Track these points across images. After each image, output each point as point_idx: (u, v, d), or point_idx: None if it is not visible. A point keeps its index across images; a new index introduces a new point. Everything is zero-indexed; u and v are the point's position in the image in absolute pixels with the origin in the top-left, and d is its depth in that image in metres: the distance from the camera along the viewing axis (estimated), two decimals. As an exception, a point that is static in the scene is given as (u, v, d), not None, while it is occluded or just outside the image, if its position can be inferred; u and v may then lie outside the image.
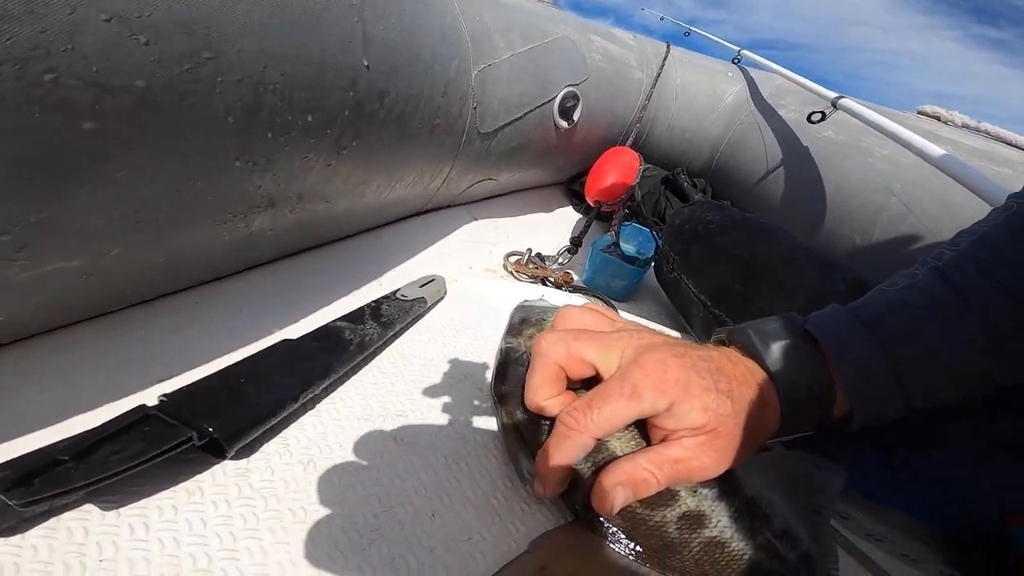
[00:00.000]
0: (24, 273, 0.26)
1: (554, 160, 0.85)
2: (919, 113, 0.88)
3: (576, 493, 0.28)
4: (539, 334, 0.32)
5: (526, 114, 0.69)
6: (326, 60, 0.37)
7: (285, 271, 0.50)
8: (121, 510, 0.24)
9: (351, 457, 0.31)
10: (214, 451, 0.27)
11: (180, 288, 0.41)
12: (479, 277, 0.62)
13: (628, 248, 0.76)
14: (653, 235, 0.76)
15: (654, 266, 0.69)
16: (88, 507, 0.23)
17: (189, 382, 0.30)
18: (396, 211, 0.63)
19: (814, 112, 0.77)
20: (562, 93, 0.74)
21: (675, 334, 0.63)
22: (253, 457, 0.29)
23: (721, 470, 0.28)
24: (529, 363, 0.30)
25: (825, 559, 0.29)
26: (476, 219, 0.79)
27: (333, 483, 0.29)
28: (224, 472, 0.27)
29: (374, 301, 0.46)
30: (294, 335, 0.38)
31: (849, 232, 0.75)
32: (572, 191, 1.03)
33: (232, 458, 0.28)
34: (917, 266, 0.36)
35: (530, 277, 0.66)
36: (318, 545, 0.25)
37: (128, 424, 0.25)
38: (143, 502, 0.25)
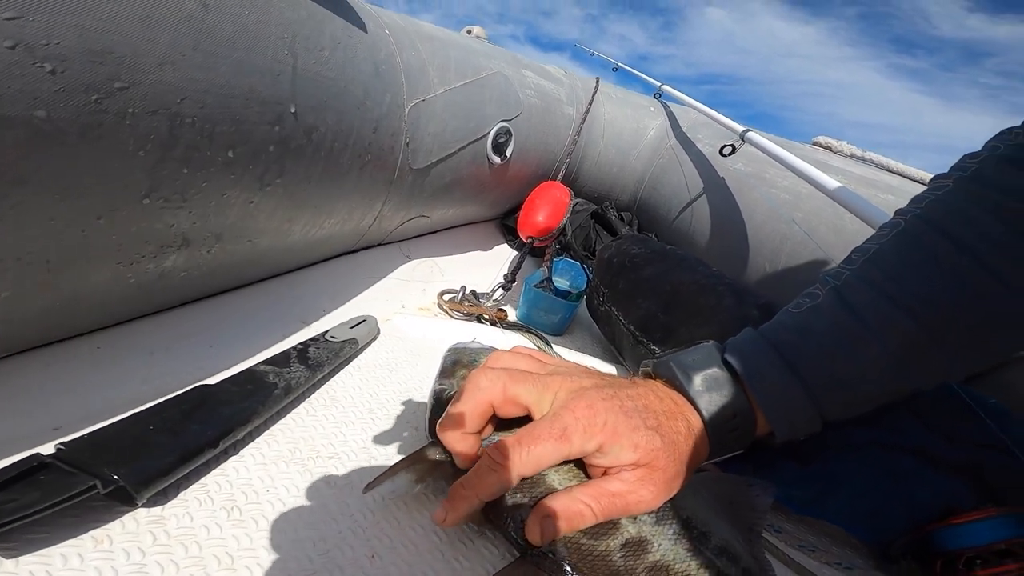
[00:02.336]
0: None
1: (487, 196, 0.87)
2: (814, 143, 0.98)
3: (517, 526, 0.28)
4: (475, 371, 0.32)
5: (459, 150, 0.70)
6: (252, 94, 0.37)
7: (202, 313, 0.47)
8: (21, 558, 0.22)
9: (280, 501, 0.29)
10: (122, 499, 0.25)
11: (79, 332, 0.37)
12: (413, 316, 0.61)
13: (561, 283, 0.78)
14: (584, 269, 0.79)
15: (586, 299, 0.71)
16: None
17: (90, 431, 0.28)
18: (325, 250, 0.62)
19: (725, 145, 0.84)
20: (495, 128, 0.76)
21: (608, 366, 0.65)
22: (169, 504, 0.27)
23: (659, 502, 0.29)
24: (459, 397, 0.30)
25: (764, 573, 0.30)
26: (410, 257, 0.79)
27: (261, 528, 0.27)
28: (136, 520, 0.25)
29: (301, 343, 0.45)
30: (213, 380, 0.36)
31: (760, 260, 0.81)
32: (506, 226, 1.05)
33: (144, 505, 0.26)
34: (818, 285, 0.38)
35: (465, 315, 0.66)
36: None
37: (20, 473, 0.23)
38: (45, 550, 0.23)
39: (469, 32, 0.91)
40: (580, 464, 0.30)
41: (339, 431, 0.37)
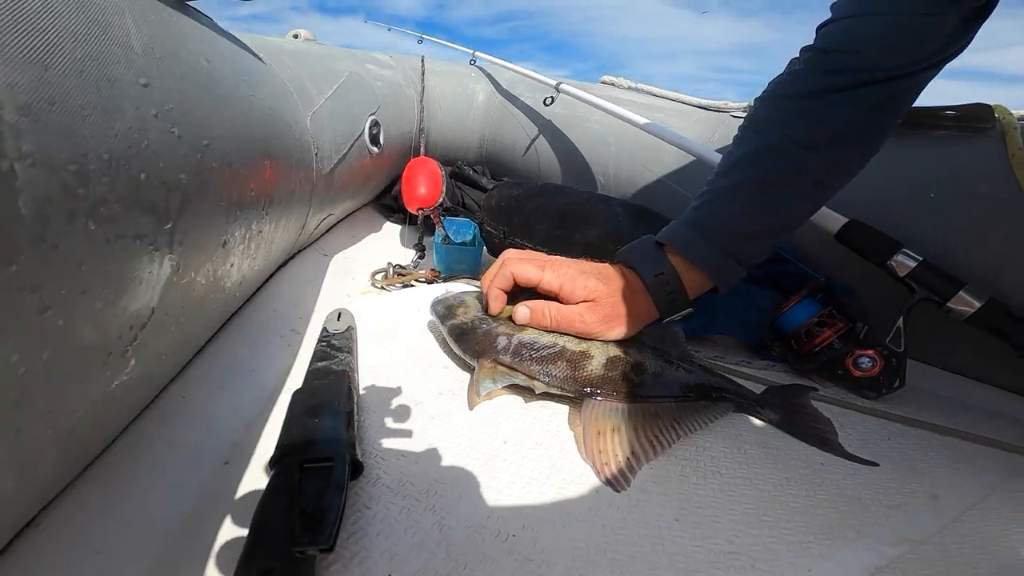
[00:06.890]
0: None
1: (370, 183, 0.97)
2: (602, 82, 1.25)
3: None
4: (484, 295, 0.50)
5: (349, 149, 0.79)
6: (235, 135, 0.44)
7: (219, 352, 0.52)
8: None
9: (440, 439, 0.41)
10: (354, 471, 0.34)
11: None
12: (365, 299, 0.71)
13: (458, 236, 0.93)
14: (469, 220, 0.95)
15: (485, 244, 0.88)
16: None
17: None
18: (272, 265, 0.68)
19: (546, 97, 1.06)
20: (368, 123, 0.85)
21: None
22: (372, 467, 0.37)
23: (600, 329, 0.46)
24: (478, 324, 0.49)
25: (685, 359, 0.50)
26: (327, 255, 0.86)
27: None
28: (373, 484, 0.35)
29: (322, 340, 0.53)
30: (267, 394, 0.45)
31: (594, 176, 1.07)
32: (384, 206, 1.15)
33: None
34: (709, 182, 0.52)
35: (401, 285, 0.78)
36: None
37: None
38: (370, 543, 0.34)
39: (296, 36, 0.95)
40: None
41: (411, 387, 0.47)
